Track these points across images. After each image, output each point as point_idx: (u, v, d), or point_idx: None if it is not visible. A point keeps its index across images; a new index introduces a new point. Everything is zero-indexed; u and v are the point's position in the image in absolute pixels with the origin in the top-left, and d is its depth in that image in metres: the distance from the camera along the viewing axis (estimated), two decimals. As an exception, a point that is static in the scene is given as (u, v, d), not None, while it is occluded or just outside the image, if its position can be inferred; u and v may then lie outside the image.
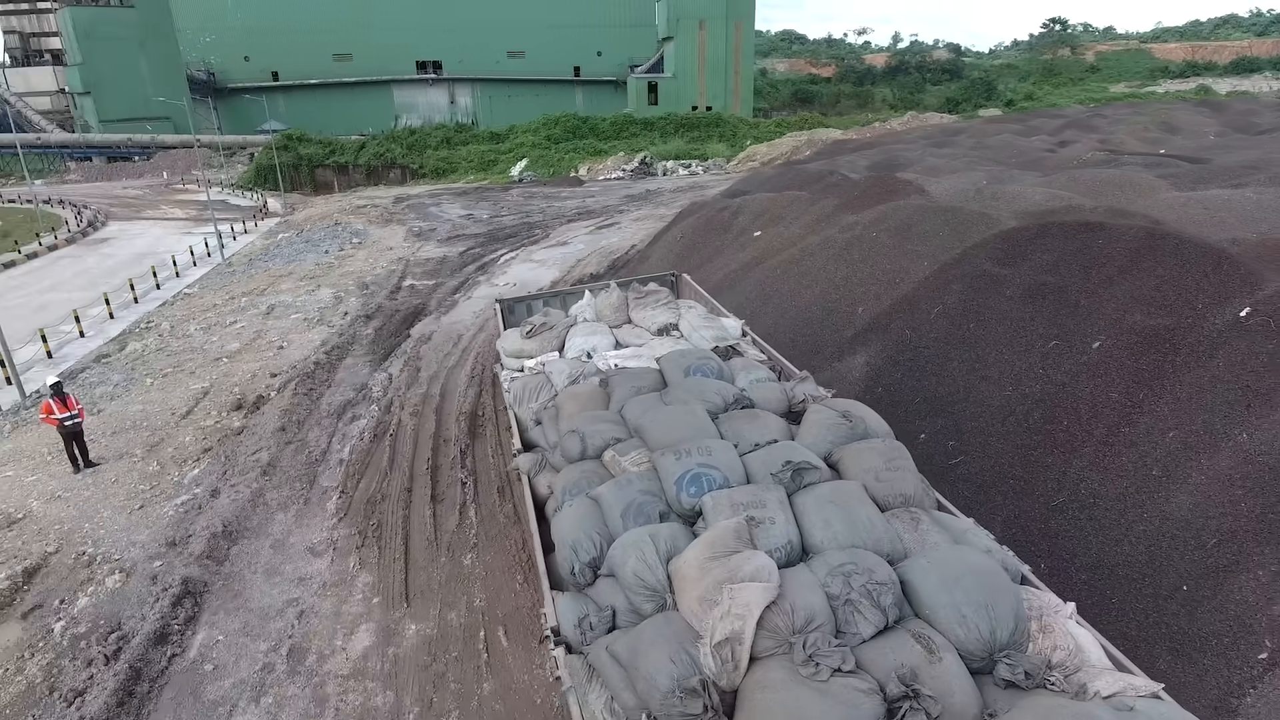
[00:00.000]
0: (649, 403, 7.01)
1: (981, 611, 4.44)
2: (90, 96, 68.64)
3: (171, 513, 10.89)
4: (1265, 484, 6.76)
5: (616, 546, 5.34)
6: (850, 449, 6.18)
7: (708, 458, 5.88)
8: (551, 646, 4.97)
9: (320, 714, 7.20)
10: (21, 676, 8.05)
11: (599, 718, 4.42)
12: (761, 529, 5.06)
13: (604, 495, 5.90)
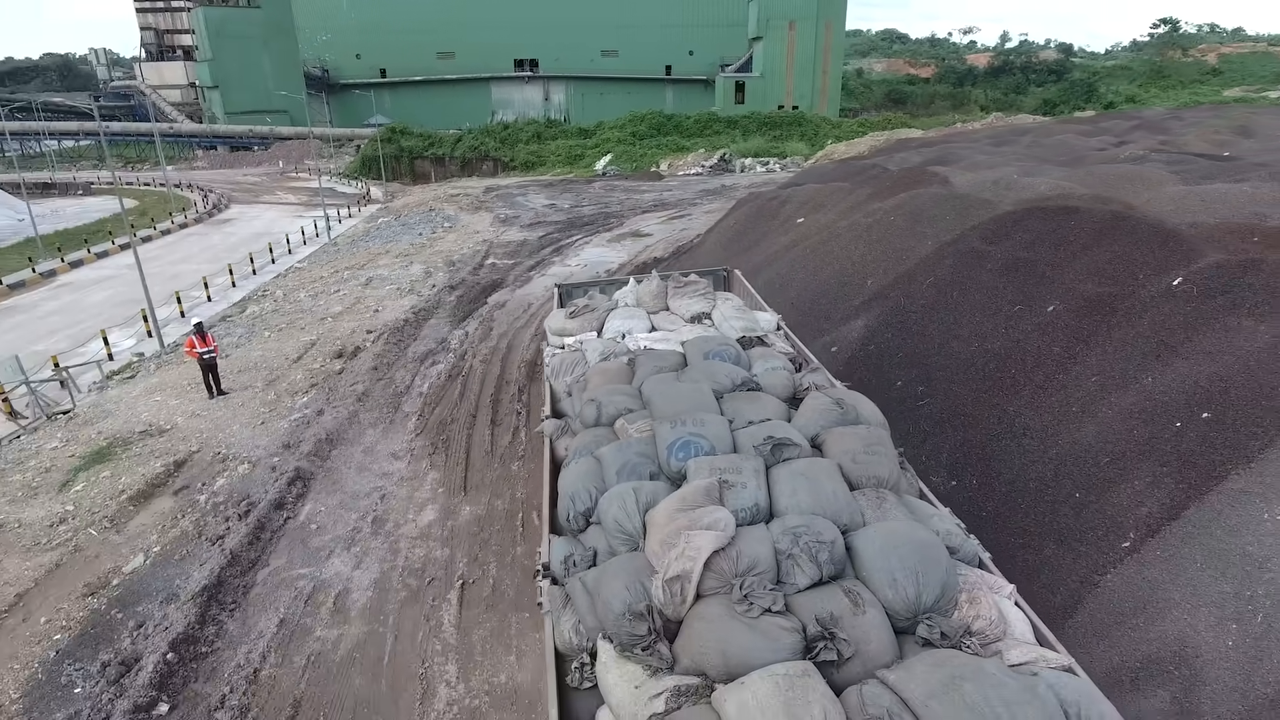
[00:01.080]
0: (664, 380, 7.46)
1: (911, 577, 4.78)
2: (218, 90, 75.25)
3: (286, 426, 13.57)
4: (1155, 416, 8.24)
5: (604, 497, 5.83)
6: (834, 432, 6.50)
7: (700, 428, 6.34)
8: (539, 578, 5.51)
9: (394, 560, 9.54)
10: (177, 528, 10.71)
11: (567, 636, 5.00)
12: (733, 491, 5.48)
13: (605, 455, 6.38)
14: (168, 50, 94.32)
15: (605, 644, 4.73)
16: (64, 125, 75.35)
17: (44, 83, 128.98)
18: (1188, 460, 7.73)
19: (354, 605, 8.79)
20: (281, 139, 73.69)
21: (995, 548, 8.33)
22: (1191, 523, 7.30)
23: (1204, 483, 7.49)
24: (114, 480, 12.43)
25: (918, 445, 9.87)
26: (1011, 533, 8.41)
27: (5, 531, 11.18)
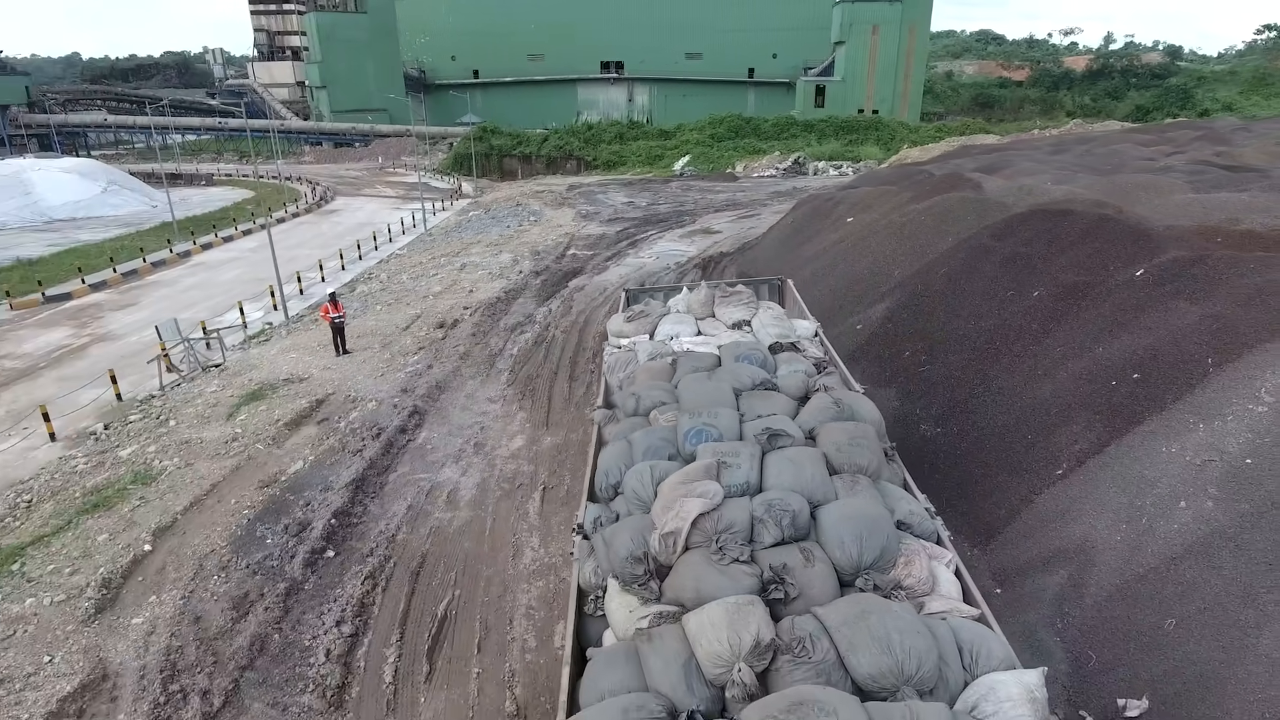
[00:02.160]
0: (695, 378, 8.49)
1: (856, 542, 5.72)
2: (326, 90, 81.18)
3: (402, 377, 16.69)
4: (1098, 377, 10.34)
5: (629, 472, 6.93)
6: (827, 426, 7.32)
7: (714, 419, 7.36)
8: (575, 534, 6.72)
9: (490, 471, 12.39)
10: (325, 445, 13.84)
11: (588, 576, 6.20)
12: (729, 470, 6.41)
13: (635, 438, 7.48)
14: (278, 51, 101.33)
15: (613, 581, 5.94)
16: (188, 120, 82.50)
17: (164, 79, 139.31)
18: (1116, 410, 9.84)
19: (462, 499, 11.67)
20: (381, 136, 79.03)
21: (963, 477, 10.65)
22: (1109, 455, 9.44)
23: (1125, 426, 9.61)
24: (269, 412, 15.73)
25: (914, 401, 12.14)
26: (977, 465, 10.63)
27: (193, 445, 14.55)
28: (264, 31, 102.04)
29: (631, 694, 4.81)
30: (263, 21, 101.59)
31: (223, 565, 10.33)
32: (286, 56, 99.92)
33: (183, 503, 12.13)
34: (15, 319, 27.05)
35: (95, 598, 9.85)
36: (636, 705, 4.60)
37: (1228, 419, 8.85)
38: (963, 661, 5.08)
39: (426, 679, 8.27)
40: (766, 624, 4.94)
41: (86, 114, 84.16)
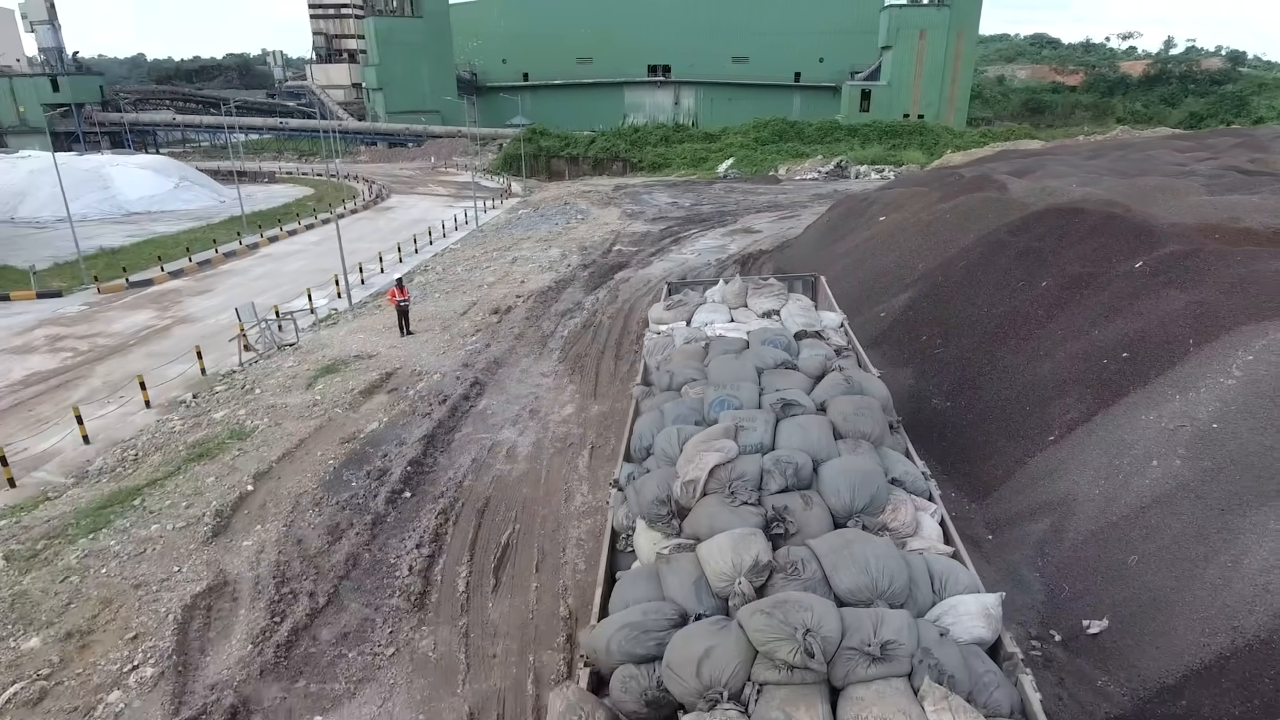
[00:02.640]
0: (724, 358, 9.41)
1: (850, 490, 6.53)
2: (382, 92, 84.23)
3: (462, 354, 18.41)
4: (1092, 356, 11.54)
5: (659, 434, 7.88)
6: (837, 399, 8.19)
7: (736, 392, 8.34)
8: (611, 487, 7.78)
9: (545, 433, 13.99)
10: (396, 409, 15.57)
11: (621, 519, 7.11)
12: (744, 433, 7.31)
13: (666, 408, 8.50)
14: (335, 54, 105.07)
15: (641, 521, 6.89)
16: (251, 120, 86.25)
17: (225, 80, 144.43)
18: (1105, 384, 11.04)
19: (520, 454, 13.28)
20: (433, 137, 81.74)
21: (967, 444, 11.93)
22: (1096, 423, 10.67)
23: (1112, 398, 10.82)
24: (344, 383, 17.55)
25: (928, 379, 13.43)
26: (980, 433, 11.89)
27: (278, 409, 16.39)
28: (322, 35, 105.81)
29: (651, 602, 5.68)
30: (321, 25, 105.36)
31: (316, 502, 12.07)
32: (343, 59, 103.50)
33: (276, 454, 13.93)
34: (103, 302, 29.46)
35: (211, 524, 11.65)
36: (654, 609, 5.51)
37: (1201, 391, 10.03)
38: (933, 586, 5.89)
39: (493, 590, 9.86)
40: (765, 550, 5.69)
41: (155, 113, 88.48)
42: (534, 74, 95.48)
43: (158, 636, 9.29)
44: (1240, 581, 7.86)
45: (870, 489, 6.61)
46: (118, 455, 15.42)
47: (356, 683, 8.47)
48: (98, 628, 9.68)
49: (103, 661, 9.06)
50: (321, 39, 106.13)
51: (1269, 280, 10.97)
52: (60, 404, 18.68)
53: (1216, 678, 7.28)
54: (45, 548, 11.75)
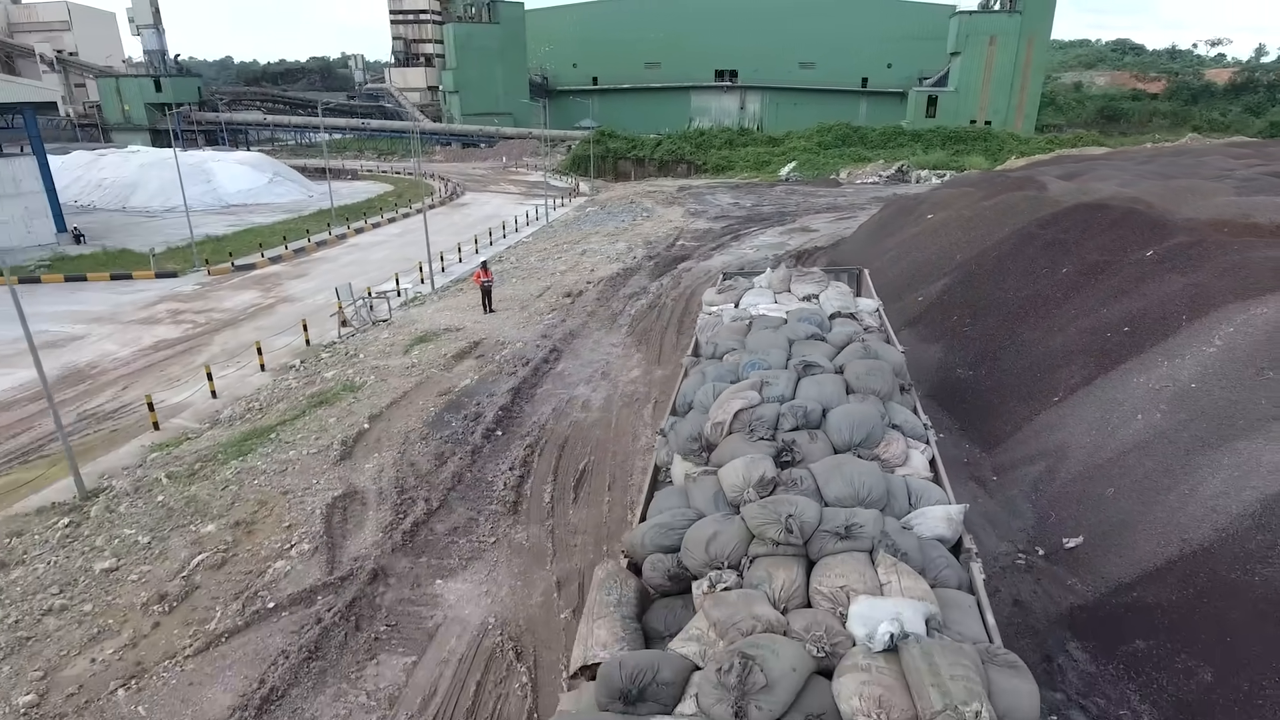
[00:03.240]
0: (762, 332, 10.65)
1: (850, 428, 7.65)
2: (458, 94, 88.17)
3: (541, 328, 20.79)
4: (1098, 331, 13.20)
5: (699, 390, 8.97)
6: (853, 362, 9.29)
7: (766, 356, 9.49)
8: (658, 435, 8.97)
9: (614, 390, 16.19)
10: (485, 370, 17.99)
11: (663, 457, 8.37)
12: (769, 387, 8.40)
13: (707, 370, 9.67)
14: (413, 58, 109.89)
15: (677, 456, 8.19)
16: (335, 120, 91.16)
17: (308, 83, 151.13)
18: (1106, 354, 12.71)
19: (593, 406, 15.53)
20: (505, 138, 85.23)
21: (984, 405, 13.68)
22: (1095, 385, 12.36)
23: (1110, 365, 12.49)
24: (436, 350, 20.07)
25: (956, 352, 15.18)
26: (996, 396, 13.63)
27: (382, 369, 18.96)
28: (401, 40, 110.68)
29: (678, 509, 6.92)
30: (400, 30, 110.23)
31: (422, 436, 14.51)
32: (420, 63, 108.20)
33: (384, 402, 16.46)
34: (214, 282, 32.78)
35: (338, 451, 14.17)
36: (680, 513, 6.69)
37: (1186, 358, 11.67)
38: (909, 500, 6.92)
39: (573, 501, 12.09)
40: (771, 469, 6.72)
41: (246, 113, 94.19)
42: (603, 78, 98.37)
43: (308, 525, 11.77)
44: (1194, 505, 9.55)
45: (867, 427, 7.70)
46: (244, 406, 18.12)
47: (467, 560, 10.78)
48: (259, 520, 12.22)
49: (266, 542, 11.57)
50: (400, 44, 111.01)
51: (1258, 266, 12.48)
52: (187, 366, 21.56)
53: (1163, 575, 9.00)
54: (201, 469, 14.41)
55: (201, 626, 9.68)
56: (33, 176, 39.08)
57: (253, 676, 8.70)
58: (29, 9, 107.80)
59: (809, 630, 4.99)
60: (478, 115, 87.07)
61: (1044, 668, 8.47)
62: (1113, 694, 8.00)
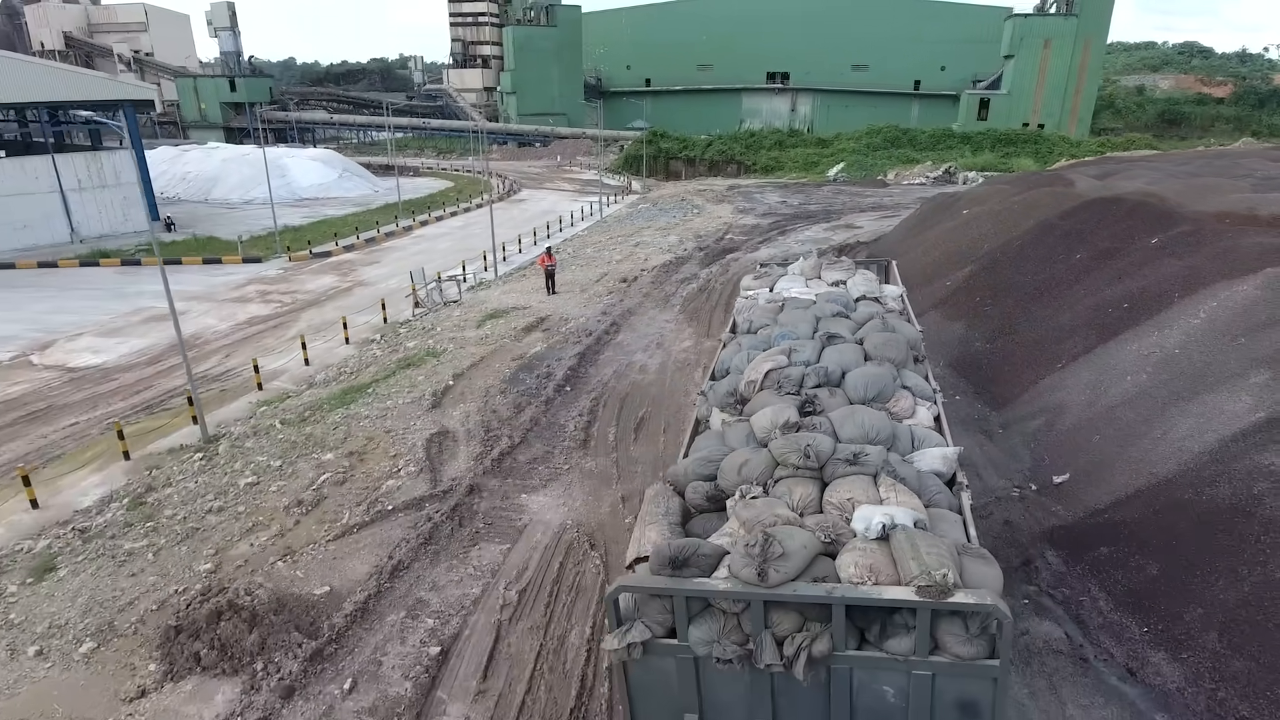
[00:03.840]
0: (793, 310, 11.64)
1: (864, 386, 8.54)
2: (515, 95, 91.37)
3: (601, 306, 23.07)
4: (1101, 308, 14.94)
5: (735, 358, 9.98)
6: (872, 334, 10.14)
7: (794, 329, 10.56)
8: (699, 395, 9.90)
9: (668, 358, 18.34)
10: (552, 340, 20.29)
11: (703, 411, 9.13)
12: (796, 353, 9.27)
13: (742, 341, 10.65)
14: (470, 59, 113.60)
15: (715, 409, 8.92)
16: (399, 120, 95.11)
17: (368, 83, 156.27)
18: (1106, 327, 14.46)
19: (650, 369, 17.71)
20: (560, 137, 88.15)
21: (996, 372, 15.49)
22: (1094, 354, 14.13)
23: (1109, 336, 14.24)
24: (506, 324, 22.45)
25: (976, 328, 16.99)
26: (1008, 365, 15.43)
27: (458, 339, 21.36)
28: (460, 42, 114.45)
29: (716, 446, 7.87)
30: (459, 33, 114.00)
31: (501, 390, 16.85)
32: (477, 64, 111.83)
33: (464, 364, 18.85)
34: (295, 268, 35.70)
35: (429, 400, 16.57)
36: (717, 449, 7.69)
37: (1174, 328, 13.40)
38: (913, 444, 7.79)
39: (634, 440, 14.29)
40: (795, 415, 7.58)
41: (313, 112, 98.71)
42: (656, 79, 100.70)
43: (411, 454, 14.15)
44: (1164, 446, 11.34)
45: (880, 386, 8.66)
46: (336, 370, 20.63)
47: (546, 481, 13.04)
48: (369, 451, 14.64)
49: (378, 467, 13.97)
50: (459, 45, 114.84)
51: (1246, 250, 14.11)
52: (278, 338, 24.19)
53: (1131, 501, 10.82)
54: (310, 416, 16.91)
55: (334, 523, 12.08)
56: (130, 169, 42.62)
57: (382, 554, 11.05)
58: (108, 10, 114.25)
59: (819, 525, 6.12)
60: (534, 115, 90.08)
61: (1023, 569, 10.37)
62: (1077, 586, 9.87)
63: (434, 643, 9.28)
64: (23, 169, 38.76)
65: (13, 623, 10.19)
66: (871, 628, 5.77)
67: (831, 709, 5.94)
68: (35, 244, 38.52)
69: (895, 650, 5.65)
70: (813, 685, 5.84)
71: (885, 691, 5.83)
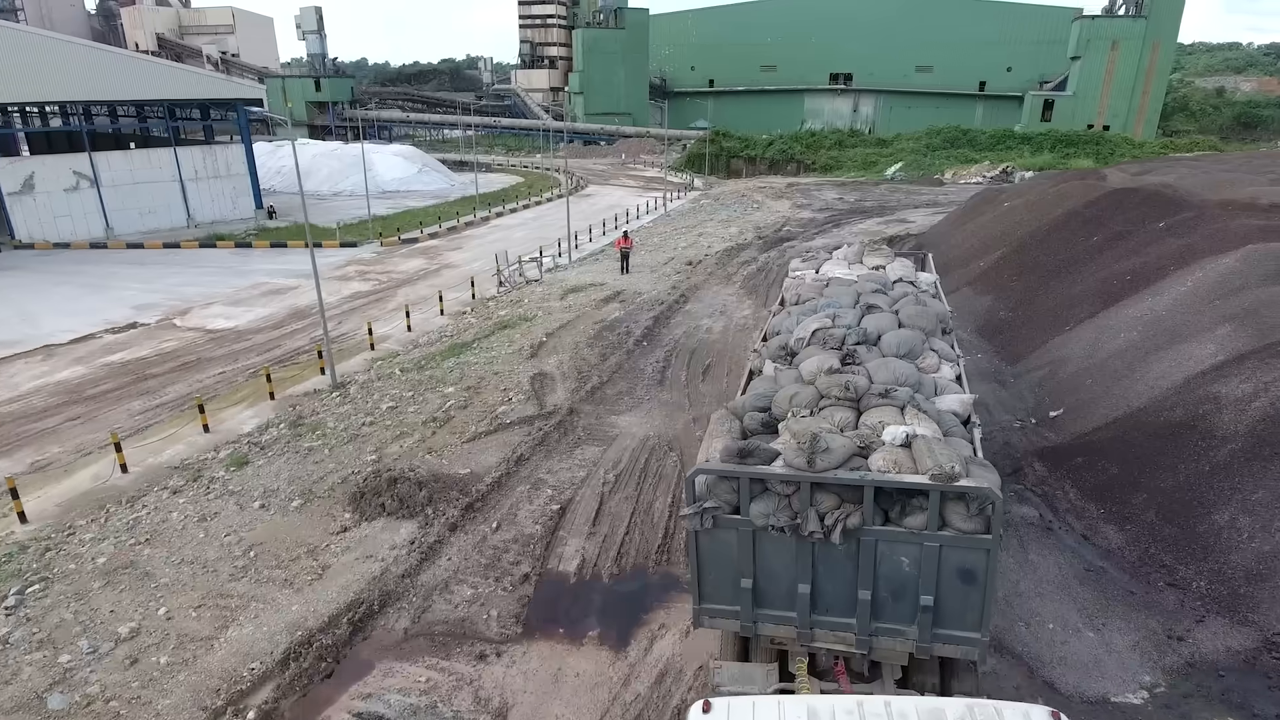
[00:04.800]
0: (837, 287, 12.63)
1: (896, 345, 9.53)
2: (583, 95, 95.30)
3: (670, 282, 26.28)
4: (1109, 280, 17.50)
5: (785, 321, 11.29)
6: (906, 306, 11.16)
7: (838, 301, 11.50)
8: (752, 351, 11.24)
9: (729, 322, 21.42)
10: (629, 308, 23.51)
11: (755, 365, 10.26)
12: (839, 318, 10.34)
13: (792, 310, 11.71)
14: (538, 60, 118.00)
15: (768, 360, 10.06)
16: (472, 119, 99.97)
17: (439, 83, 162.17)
18: (1110, 295, 17.03)
19: (714, 331, 20.84)
20: (624, 136, 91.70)
21: (1014, 334, 18.14)
22: (1097, 318, 16.74)
23: (1110, 303, 16.82)
24: (586, 297, 25.76)
25: (1001, 300, 19.62)
26: (1025, 327, 18.05)
27: (547, 309, 24.76)
28: (528, 43, 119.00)
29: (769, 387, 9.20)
30: (528, 34, 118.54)
31: (588, 344, 20.15)
32: (544, 65, 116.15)
33: (554, 325, 22.19)
34: (387, 252, 39.60)
35: (528, 352, 19.94)
36: (771, 388, 8.81)
37: (1165, 295, 15.95)
38: (935, 391, 8.94)
39: (701, 381, 17.42)
40: (837, 364, 8.82)
41: (389, 111, 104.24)
42: (719, 80, 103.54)
43: (519, 388, 17.50)
44: (1140, 385, 13.97)
45: (910, 345, 9.83)
46: (436, 334, 24.10)
47: (630, 408, 16.26)
48: (482, 387, 18.04)
49: (491, 397, 17.34)
50: (527, 46, 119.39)
51: (1234, 230, 16.54)
52: (381, 310, 27.78)
53: (1109, 426, 13.49)
54: (425, 365, 20.39)
55: (464, 432, 15.47)
56: (240, 161, 47.41)
57: (506, 451, 14.39)
58: (198, 13, 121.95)
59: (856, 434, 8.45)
60: (600, 115, 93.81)
61: (1014, 474, 13.17)
62: (1055, 484, 12.62)
63: (554, 503, 12.57)
64: (149, 160, 43.67)
65: (234, 491, 13.78)
66: (893, 509, 7.10)
67: (859, 574, 7.22)
68: (157, 228, 43.31)
69: (911, 525, 6.98)
70: (845, 554, 7.17)
71: (902, 560, 7.11)
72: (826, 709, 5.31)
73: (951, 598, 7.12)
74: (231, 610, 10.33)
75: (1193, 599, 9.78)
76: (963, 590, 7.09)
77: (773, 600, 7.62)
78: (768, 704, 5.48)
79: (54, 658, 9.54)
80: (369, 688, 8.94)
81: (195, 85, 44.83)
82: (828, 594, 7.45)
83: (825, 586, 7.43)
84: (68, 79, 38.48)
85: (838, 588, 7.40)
